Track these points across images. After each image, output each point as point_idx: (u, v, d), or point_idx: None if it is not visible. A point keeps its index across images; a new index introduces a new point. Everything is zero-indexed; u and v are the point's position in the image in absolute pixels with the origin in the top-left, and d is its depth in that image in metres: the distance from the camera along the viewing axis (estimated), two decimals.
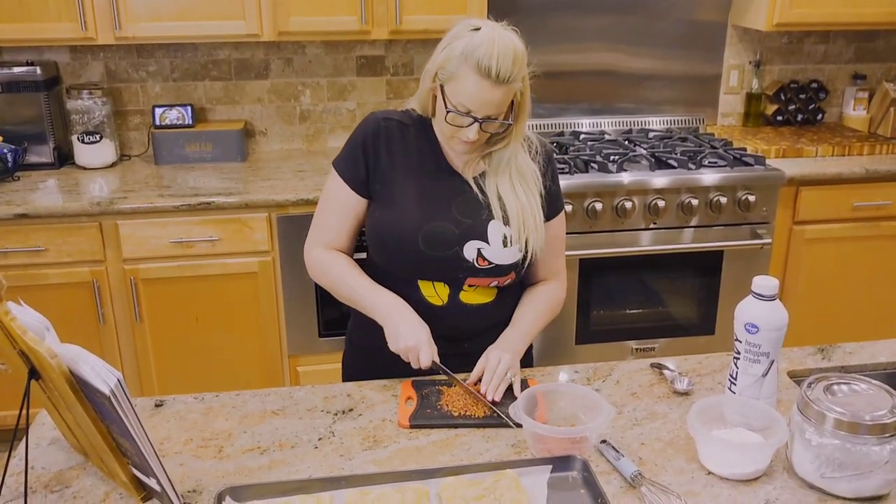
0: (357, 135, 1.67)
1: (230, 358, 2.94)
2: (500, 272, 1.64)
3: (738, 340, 1.42)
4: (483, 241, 1.61)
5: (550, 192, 1.69)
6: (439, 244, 1.61)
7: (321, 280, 1.72)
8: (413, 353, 1.54)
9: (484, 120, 1.52)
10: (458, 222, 1.62)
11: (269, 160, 3.27)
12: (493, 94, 1.49)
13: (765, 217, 3.03)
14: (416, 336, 1.55)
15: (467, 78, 1.49)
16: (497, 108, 1.52)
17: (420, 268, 1.63)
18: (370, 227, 1.67)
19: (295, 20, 2.93)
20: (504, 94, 1.50)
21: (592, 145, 3.23)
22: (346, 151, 1.69)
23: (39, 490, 1.27)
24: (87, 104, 3.08)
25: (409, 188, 1.64)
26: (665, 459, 1.35)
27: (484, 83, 1.48)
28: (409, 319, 1.57)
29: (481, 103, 1.50)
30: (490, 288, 1.67)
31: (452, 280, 1.64)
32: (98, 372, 1.07)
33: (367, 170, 1.65)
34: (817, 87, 3.66)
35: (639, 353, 3.14)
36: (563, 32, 3.41)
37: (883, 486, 1.24)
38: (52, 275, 2.75)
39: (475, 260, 1.62)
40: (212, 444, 1.40)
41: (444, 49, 1.53)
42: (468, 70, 1.48)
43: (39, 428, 1.45)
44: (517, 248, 1.62)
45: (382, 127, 1.66)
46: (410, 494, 1.22)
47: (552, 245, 1.72)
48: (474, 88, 1.48)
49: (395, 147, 1.65)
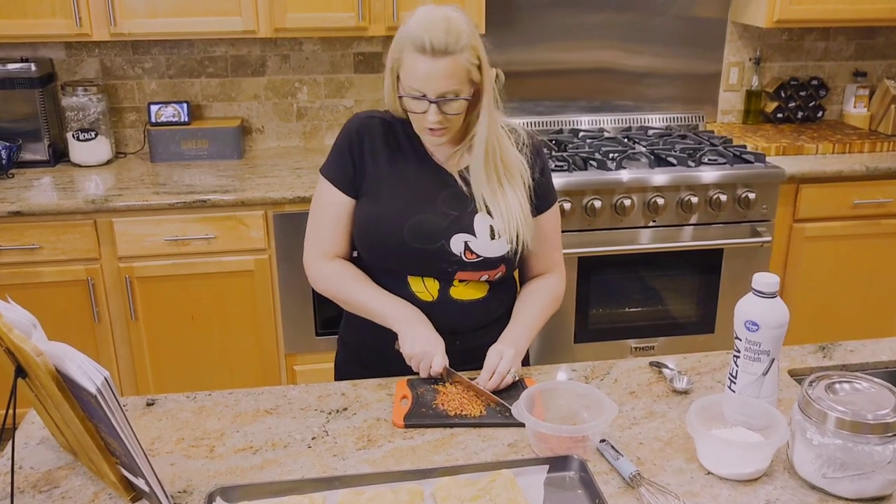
0: (341, 137, 1.67)
1: (226, 357, 2.92)
2: (489, 265, 1.63)
3: (738, 338, 1.39)
4: (469, 234, 1.61)
5: (540, 184, 1.67)
6: (425, 237, 1.60)
7: (328, 292, 1.70)
8: (427, 358, 1.54)
9: (438, 100, 1.50)
10: (444, 215, 1.61)
11: (266, 157, 3.25)
12: (434, 67, 1.47)
13: (765, 215, 3.01)
14: (434, 344, 1.55)
15: (410, 59, 1.49)
16: (447, 84, 1.49)
17: (407, 262, 1.62)
18: (357, 224, 1.66)
19: (291, 17, 2.91)
20: (449, 67, 1.48)
21: (591, 143, 3.22)
22: (332, 156, 1.68)
23: (27, 490, 1.25)
24: (82, 101, 3.06)
25: (394, 183, 1.63)
26: (664, 459, 1.33)
27: (422, 58, 1.47)
28: (427, 327, 1.58)
29: (427, 80, 1.48)
30: (481, 283, 1.65)
31: (442, 275, 1.63)
32: (85, 370, 1.05)
33: (353, 168, 1.64)
34: (818, 84, 3.64)
35: (638, 351, 3.12)
36: (562, 30, 3.39)
37: (886, 486, 1.22)
38: (46, 273, 2.73)
39: (462, 253, 1.61)
40: (203, 444, 1.37)
41: (394, 40, 1.54)
42: (409, 51, 1.49)
43: (28, 427, 1.43)
44: (505, 240, 1.61)
45: (365, 125, 1.66)
46: (405, 495, 1.20)
47: (548, 238, 1.71)
48: (416, 66, 1.48)
49: (378, 144, 1.65)
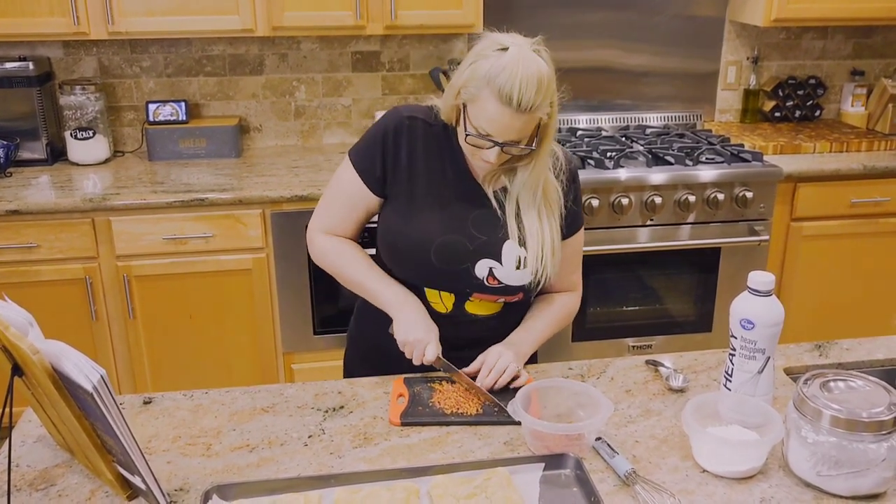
0: (378, 129, 1.59)
1: (224, 355, 2.92)
2: (510, 292, 1.60)
3: (734, 337, 1.40)
4: (496, 261, 1.57)
5: (571, 212, 1.63)
6: (451, 259, 1.56)
7: (326, 263, 1.67)
8: (420, 346, 1.52)
9: (505, 144, 1.45)
10: (472, 237, 1.57)
11: (264, 156, 3.25)
12: (513, 121, 1.41)
13: (762, 214, 3.01)
14: (427, 332, 1.53)
15: (488, 102, 1.40)
16: (518, 134, 1.44)
17: (429, 278, 1.59)
18: (382, 230, 1.62)
19: (289, 15, 2.91)
20: (526, 122, 1.42)
21: (589, 142, 3.22)
22: (363, 143, 1.61)
23: (24, 488, 1.26)
24: (80, 100, 3.06)
25: (427, 194, 1.58)
26: (659, 457, 1.33)
27: (505, 110, 1.40)
28: (422, 315, 1.56)
29: (501, 129, 1.42)
30: (497, 303, 1.64)
31: (459, 291, 1.61)
32: (81, 368, 1.05)
33: (383, 167, 1.58)
34: (815, 83, 3.64)
35: (636, 350, 3.12)
36: (560, 29, 3.39)
37: (880, 484, 1.22)
38: (44, 271, 2.73)
39: (485, 279, 1.58)
40: (200, 442, 1.38)
41: (469, 66, 1.44)
42: (489, 94, 1.40)
43: (26, 425, 1.43)
44: (530, 272, 1.57)
45: (406, 125, 1.58)
46: (400, 493, 1.20)
47: (569, 261, 1.69)
48: (495, 115, 1.41)
49: (416, 147, 1.58)
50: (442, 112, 1.57)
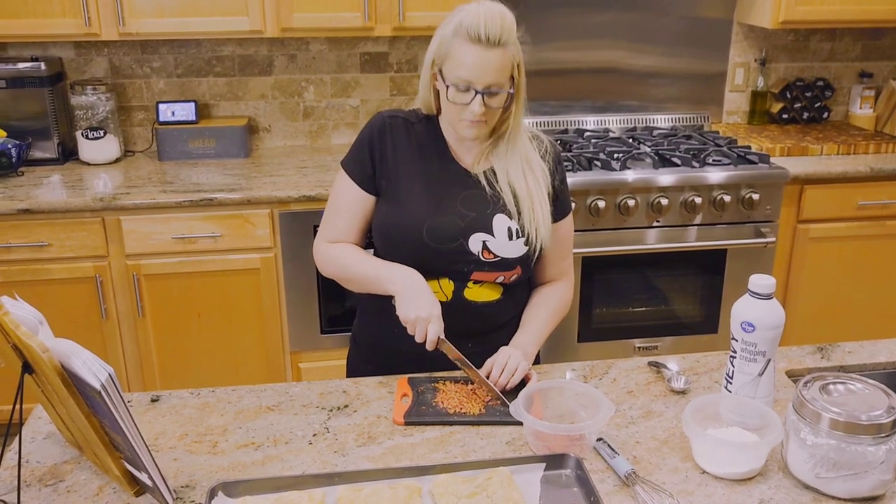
0: (364, 133, 1.70)
1: (232, 354, 2.94)
2: (506, 266, 1.64)
3: (735, 339, 1.41)
4: (488, 234, 1.62)
5: (559, 192, 1.70)
6: (444, 238, 1.61)
7: (331, 269, 1.71)
8: (422, 325, 1.52)
9: (485, 91, 1.53)
10: (462, 215, 1.63)
11: (273, 156, 3.28)
12: (487, 57, 1.51)
13: (769, 216, 3.02)
14: (430, 308, 1.53)
15: (461, 49, 1.52)
16: (495, 76, 1.53)
17: (426, 262, 1.62)
18: (376, 223, 1.68)
19: (298, 16, 2.93)
20: (499, 58, 1.52)
21: (596, 143, 3.23)
22: (353, 150, 1.71)
23: (34, 484, 1.28)
24: (91, 100, 3.09)
25: (415, 184, 1.65)
26: (660, 458, 1.34)
27: (477, 49, 1.50)
28: (426, 292, 1.56)
29: (479, 70, 1.51)
30: (495, 284, 1.67)
31: (458, 275, 1.64)
32: (89, 366, 1.07)
33: (373, 164, 1.67)
34: (823, 85, 3.64)
35: (642, 351, 3.13)
36: (568, 29, 3.39)
37: (878, 486, 1.23)
38: (55, 270, 2.76)
39: (480, 253, 1.62)
40: (206, 440, 1.40)
41: (437, 36, 1.58)
42: (460, 42, 1.52)
43: (35, 422, 1.45)
44: (523, 242, 1.63)
45: (388, 124, 1.68)
46: (402, 491, 1.22)
47: (561, 246, 1.73)
48: (469, 56, 1.51)
49: (400, 143, 1.67)
50: (421, 101, 1.68)
